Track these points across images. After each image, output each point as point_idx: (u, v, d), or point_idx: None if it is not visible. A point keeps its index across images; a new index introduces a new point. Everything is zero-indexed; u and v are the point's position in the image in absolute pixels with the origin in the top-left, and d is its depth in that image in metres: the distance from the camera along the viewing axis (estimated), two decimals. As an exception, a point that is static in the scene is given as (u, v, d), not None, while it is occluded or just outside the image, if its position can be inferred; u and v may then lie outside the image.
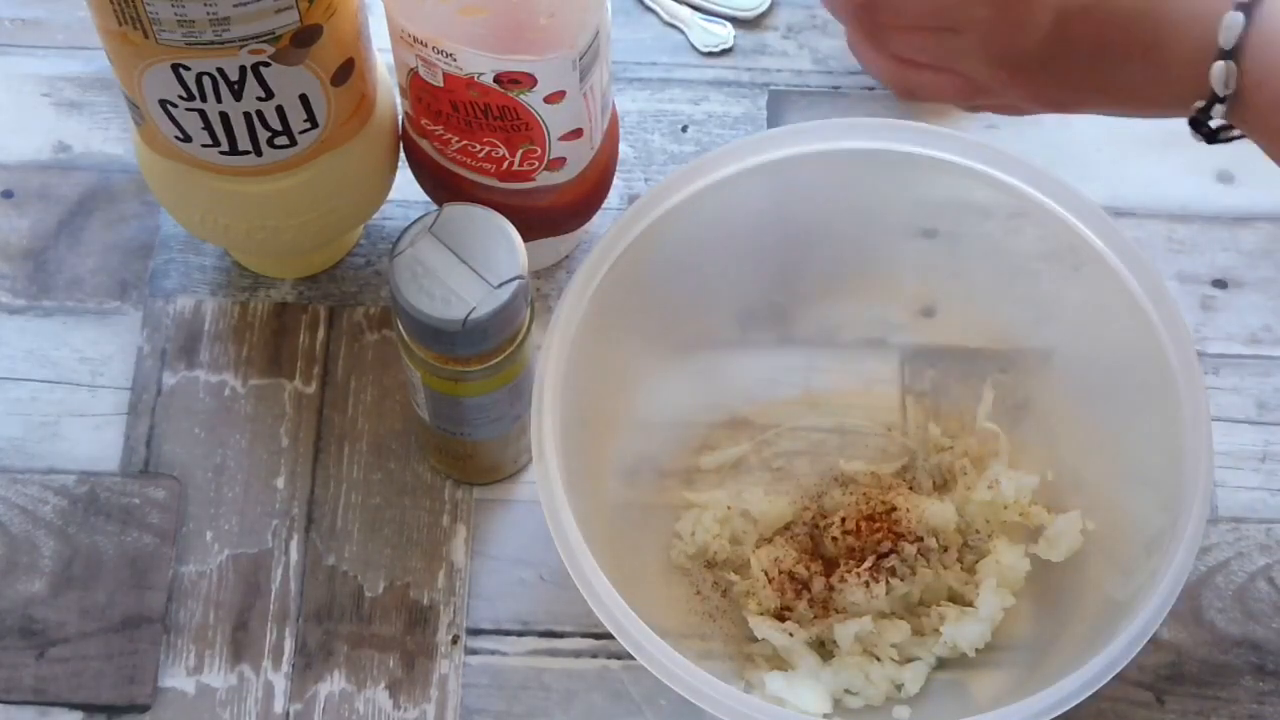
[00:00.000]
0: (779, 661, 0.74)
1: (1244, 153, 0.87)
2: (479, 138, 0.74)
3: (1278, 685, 0.76)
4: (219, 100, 0.70)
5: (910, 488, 0.79)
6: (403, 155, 0.80)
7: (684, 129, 0.88)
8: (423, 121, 0.75)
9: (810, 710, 0.72)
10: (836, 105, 0.88)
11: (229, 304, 0.83)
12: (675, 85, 0.89)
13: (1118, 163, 0.87)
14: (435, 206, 0.81)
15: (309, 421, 0.80)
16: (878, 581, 0.75)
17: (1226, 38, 0.62)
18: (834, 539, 0.76)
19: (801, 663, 0.74)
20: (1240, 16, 0.61)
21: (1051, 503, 0.77)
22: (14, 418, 0.81)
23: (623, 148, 0.83)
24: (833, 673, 0.74)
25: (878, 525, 0.76)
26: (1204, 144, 0.66)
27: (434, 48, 0.70)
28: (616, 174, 0.81)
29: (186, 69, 0.68)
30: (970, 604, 0.75)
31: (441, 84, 0.71)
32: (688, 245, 0.76)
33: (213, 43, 0.67)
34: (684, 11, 0.90)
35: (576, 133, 0.74)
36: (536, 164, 0.75)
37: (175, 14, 0.65)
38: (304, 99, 0.71)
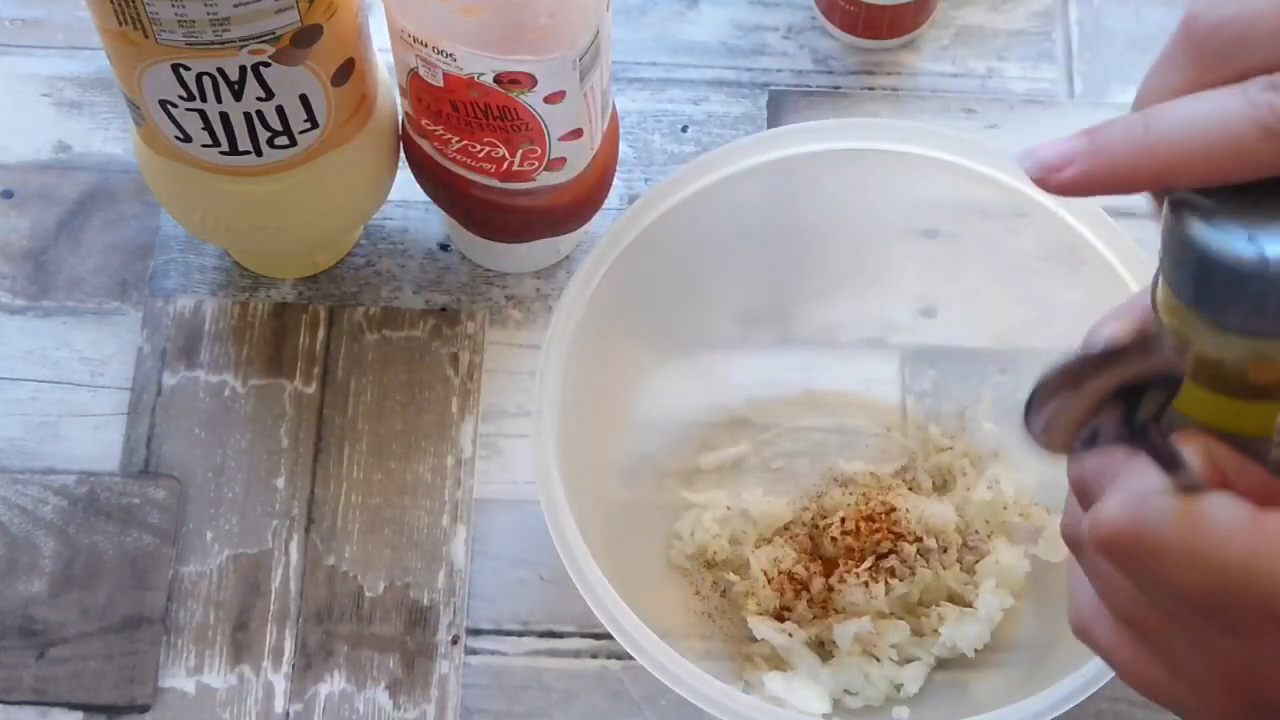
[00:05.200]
0: (778, 661, 0.74)
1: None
2: (479, 138, 0.74)
3: (1277, 685, 0.76)
4: (219, 100, 0.70)
5: (910, 488, 0.78)
6: (403, 155, 0.80)
7: (684, 129, 0.88)
8: (423, 122, 0.75)
9: (810, 710, 0.72)
10: (837, 105, 0.88)
11: (229, 304, 0.83)
12: (675, 85, 0.89)
13: (1118, 163, 0.87)
14: (435, 207, 0.81)
15: (309, 422, 0.80)
16: (877, 582, 0.74)
17: None
18: (833, 539, 0.76)
19: (801, 663, 0.74)
20: None
21: (1052, 503, 0.77)
22: (14, 418, 0.81)
23: (623, 148, 0.83)
24: (832, 673, 0.73)
25: (877, 525, 0.76)
26: None
27: (434, 48, 0.70)
28: (616, 174, 0.81)
29: (186, 69, 0.68)
30: (970, 604, 0.75)
31: (441, 84, 0.71)
32: (688, 245, 0.76)
33: (213, 43, 0.67)
34: None
35: (576, 133, 0.74)
36: (536, 164, 0.75)
37: (175, 14, 0.65)
38: (304, 99, 0.71)
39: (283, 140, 0.72)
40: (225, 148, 0.72)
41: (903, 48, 0.89)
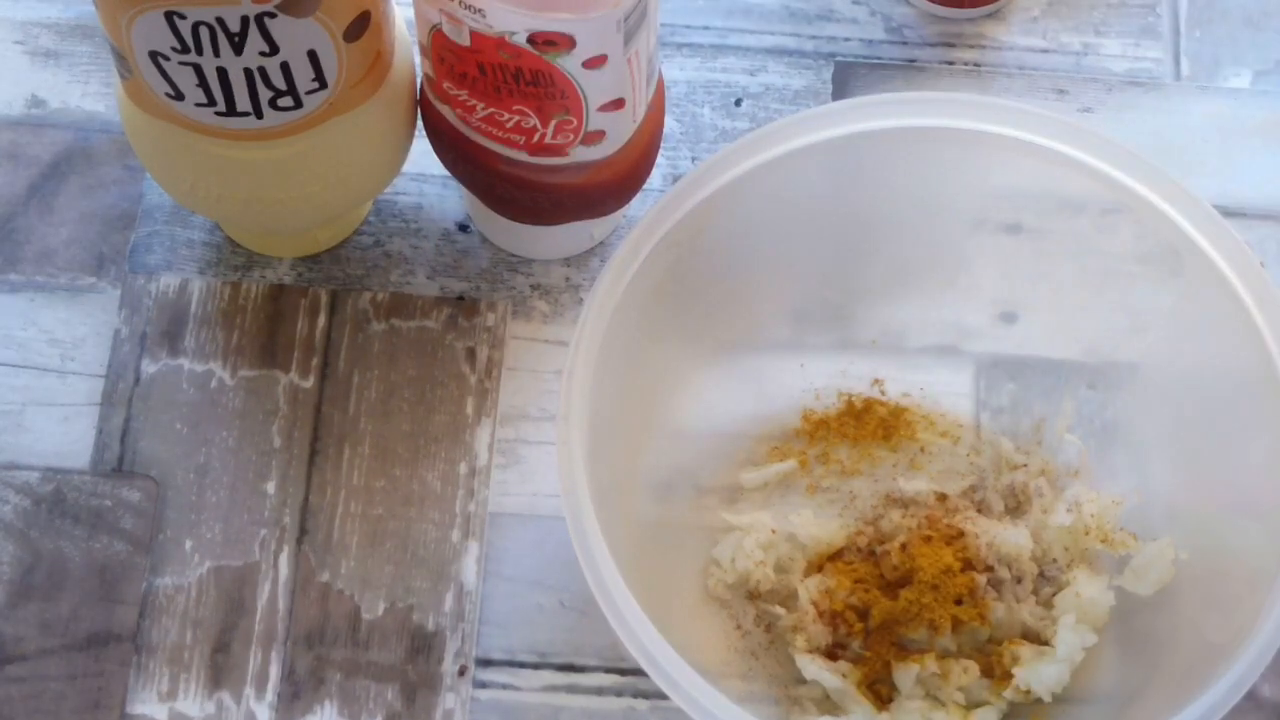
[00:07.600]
0: (830, 706, 0.74)
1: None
2: (508, 105, 0.74)
3: (1394, 753, 0.75)
4: (217, 54, 0.69)
5: (979, 510, 0.78)
6: (420, 123, 0.80)
7: (738, 102, 0.87)
8: (445, 85, 0.75)
9: (864, 762, 0.72)
10: (911, 80, 0.88)
11: (219, 284, 0.83)
12: (729, 53, 0.88)
13: (1230, 155, 0.87)
14: (454, 182, 0.81)
15: (305, 419, 0.80)
16: (943, 616, 0.74)
17: None
18: (893, 567, 0.76)
19: (855, 707, 0.73)
20: None
21: (1139, 528, 0.77)
22: (-28, 405, 0.81)
23: (669, 122, 0.83)
24: (890, 719, 0.73)
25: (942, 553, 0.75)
26: None
27: (461, 2, 0.69)
28: (660, 151, 0.81)
29: (181, 17, 0.68)
30: (1047, 643, 0.75)
31: (468, 43, 0.71)
32: (736, 233, 0.76)
33: (212, -13, 0.67)
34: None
35: (618, 103, 0.74)
36: (571, 137, 0.75)
37: (171, -45, 0.65)
38: (312, 55, 0.71)
39: (287, 101, 0.72)
40: (222, 107, 0.72)
41: (987, 18, 0.89)
